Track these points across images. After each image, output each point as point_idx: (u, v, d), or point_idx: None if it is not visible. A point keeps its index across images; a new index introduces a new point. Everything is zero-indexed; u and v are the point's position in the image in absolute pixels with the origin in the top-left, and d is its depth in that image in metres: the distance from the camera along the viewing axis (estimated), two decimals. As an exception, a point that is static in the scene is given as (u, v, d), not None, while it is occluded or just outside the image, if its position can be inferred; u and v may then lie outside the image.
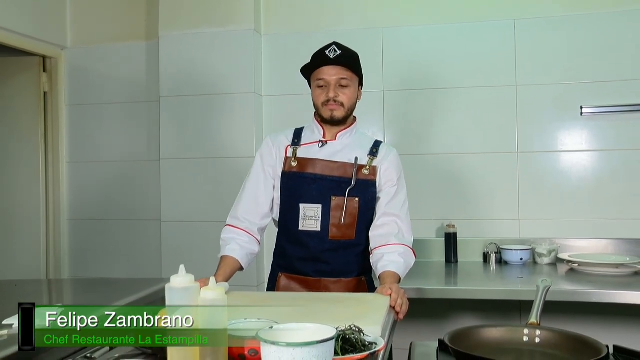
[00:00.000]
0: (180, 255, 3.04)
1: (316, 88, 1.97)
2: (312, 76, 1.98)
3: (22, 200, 3.38)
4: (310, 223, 1.93)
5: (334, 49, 1.92)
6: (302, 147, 2.00)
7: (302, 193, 1.94)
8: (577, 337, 1.32)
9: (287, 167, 1.97)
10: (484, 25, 2.99)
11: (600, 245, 2.82)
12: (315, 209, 1.93)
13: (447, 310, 2.88)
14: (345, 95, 1.93)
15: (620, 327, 2.70)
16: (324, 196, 1.93)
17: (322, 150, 1.98)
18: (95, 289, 2.17)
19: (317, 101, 1.97)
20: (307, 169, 1.95)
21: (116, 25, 3.40)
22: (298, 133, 2.04)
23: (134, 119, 3.37)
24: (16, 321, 1.50)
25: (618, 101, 2.83)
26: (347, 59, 1.93)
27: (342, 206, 1.91)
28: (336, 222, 1.92)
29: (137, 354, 1.28)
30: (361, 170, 1.95)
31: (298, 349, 0.94)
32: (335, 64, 1.91)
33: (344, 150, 1.98)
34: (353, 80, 1.95)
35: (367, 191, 1.95)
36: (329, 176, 1.94)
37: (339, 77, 1.92)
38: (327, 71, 1.92)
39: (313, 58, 1.98)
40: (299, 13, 3.16)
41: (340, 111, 1.94)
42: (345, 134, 2.00)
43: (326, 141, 1.99)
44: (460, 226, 2.91)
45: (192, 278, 1.07)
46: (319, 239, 1.93)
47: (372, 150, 1.99)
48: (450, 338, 1.32)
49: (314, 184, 1.94)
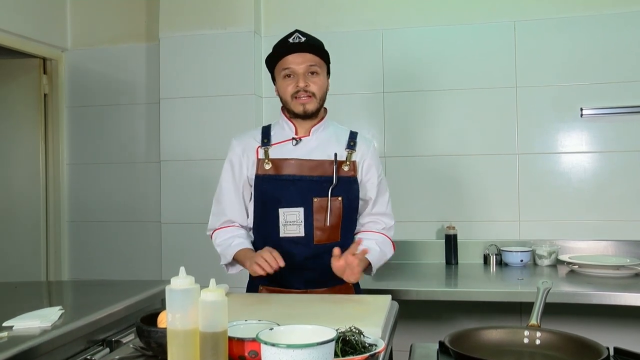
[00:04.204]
0: (180, 257, 3.04)
1: (282, 79, 1.80)
2: (277, 67, 1.82)
3: (22, 201, 3.38)
4: (292, 228, 1.79)
5: (298, 36, 1.78)
6: (273, 146, 1.84)
7: (280, 197, 1.79)
8: (577, 339, 1.32)
9: (261, 170, 1.82)
10: (484, 27, 2.99)
11: (601, 246, 2.82)
12: (297, 212, 1.78)
13: (447, 312, 2.88)
14: (316, 85, 1.79)
15: (620, 329, 2.70)
16: (305, 198, 1.78)
17: (296, 148, 1.84)
18: (95, 291, 2.16)
19: (285, 94, 1.81)
20: (284, 170, 1.80)
21: (116, 27, 3.41)
22: (266, 131, 1.89)
23: (134, 120, 3.37)
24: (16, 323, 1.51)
25: (618, 103, 2.83)
26: (314, 45, 1.79)
27: (325, 207, 1.78)
28: (320, 225, 1.79)
29: (137, 355, 1.28)
30: (341, 166, 1.82)
31: (298, 350, 0.94)
32: (302, 51, 1.76)
33: (320, 146, 1.84)
34: (322, 68, 1.81)
35: (349, 189, 1.83)
36: (308, 176, 1.80)
37: (307, 64, 1.77)
38: (294, 59, 1.77)
39: (276, 47, 1.82)
40: (299, 15, 3.17)
41: (312, 103, 1.79)
42: (319, 128, 1.87)
43: (300, 138, 1.85)
44: (460, 228, 2.92)
45: (192, 280, 1.07)
46: (303, 245, 1.79)
47: (349, 143, 1.86)
48: (450, 340, 1.32)
49: (292, 186, 1.79)
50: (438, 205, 3.01)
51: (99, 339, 1.68)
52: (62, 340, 1.48)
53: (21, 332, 1.46)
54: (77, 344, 1.57)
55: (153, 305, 1.97)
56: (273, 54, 1.83)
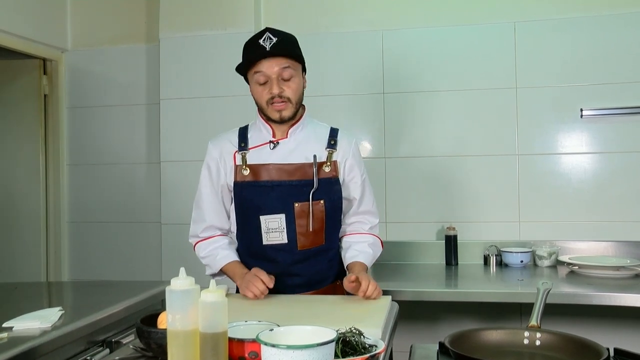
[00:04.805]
0: (180, 257, 3.02)
1: (256, 85, 1.74)
2: (249, 72, 1.74)
3: (23, 202, 3.38)
4: (275, 235, 1.74)
5: (269, 37, 1.69)
6: (251, 151, 1.79)
7: (260, 204, 1.74)
8: (577, 340, 1.32)
9: (239, 177, 1.77)
10: (484, 28, 2.99)
11: (601, 247, 2.82)
12: (278, 219, 1.73)
13: (447, 313, 2.87)
14: (291, 89, 1.72)
15: (620, 330, 2.70)
16: (286, 204, 1.73)
17: (274, 152, 1.78)
18: (95, 292, 2.17)
19: (260, 100, 1.75)
20: (262, 176, 1.75)
21: (116, 28, 3.41)
22: (243, 134, 1.83)
23: (134, 121, 3.37)
24: (16, 323, 1.51)
25: (618, 103, 2.83)
26: (286, 47, 1.70)
27: (307, 212, 1.73)
28: (303, 231, 1.74)
29: (137, 356, 1.28)
30: (322, 167, 1.76)
31: (298, 351, 0.94)
32: (274, 55, 1.68)
33: (299, 147, 1.78)
34: (296, 69, 1.74)
35: (331, 190, 1.78)
36: (288, 181, 1.74)
37: (280, 68, 1.69)
38: (266, 64, 1.69)
39: (246, 50, 1.74)
40: (299, 15, 3.17)
41: (288, 109, 1.74)
42: (297, 129, 1.80)
43: (277, 141, 1.79)
44: (460, 228, 2.91)
45: (192, 280, 1.07)
46: (287, 252, 1.75)
47: (329, 142, 1.80)
48: (450, 340, 1.32)
49: (272, 192, 1.74)
50: (438, 206, 3.01)
51: (99, 340, 1.68)
52: (62, 341, 1.49)
53: (21, 332, 1.46)
54: (77, 345, 1.57)
55: (153, 306, 1.98)
56: (244, 57, 1.75)
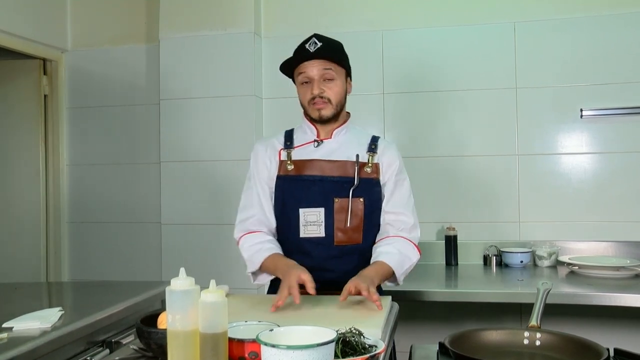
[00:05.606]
0: (180, 257, 3.04)
1: (300, 85, 1.83)
2: (295, 73, 1.85)
3: (23, 202, 3.38)
4: (313, 229, 1.78)
5: (314, 42, 1.79)
6: (296, 149, 1.86)
7: (301, 197, 1.80)
8: (577, 340, 1.32)
9: (283, 171, 1.84)
10: (484, 28, 2.99)
11: (601, 247, 2.82)
12: (317, 213, 1.78)
13: (447, 313, 2.87)
14: (332, 90, 1.80)
15: (620, 330, 2.70)
16: (326, 198, 1.79)
17: (318, 149, 1.85)
18: (95, 292, 2.17)
19: (303, 100, 1.84)
20: (305, 170, 1.82)
21: (116, 28, 3.41)
22: (289, 135, 1.91)
23: (134, 121, 3.37)
24: (16, 324, 1.51)
25: (618, 104, 2.83)
26: (329, 51, 1.79)
27: (347, 208, 1.78)
28: (341, 226, 1.78)
29: (137, 356, 1.27)
30: (363, 168, 1.82)
31: (298, 351, 0.94)
32: (316, 58, 1.77)
33: (341, 148, 1.85)
34: (339, 73, 1.81)
35: (371, 190, 1.83)
36: (329, 176, 1.80)
37: (322, 70, 1.78)
38: (309, 66, 1.78)
39: (294, 53, 1.84)
40: (299, 15, 3.17)
41: (328, 109, 1.81)
42: (341, 131, 1.88)
43: (321, 140, 1.87)
44: (460, 229, 2.92)
45: (192, 281, 1.07)
46: (323, 246, 1.78)
47: (370, 146, 1.87)
48: (450, 341, 1.32)
49: (313, 186, 1.80)
50: (438, 206, 3.01)
51: (99, 340, 1.68)
52: (62, 342, 1.49)
53: (21, 333, 1.46)
54: (77, 345, 1.57)
55: (153, 306, 1.98)
56: (291, 59, 1.84)
